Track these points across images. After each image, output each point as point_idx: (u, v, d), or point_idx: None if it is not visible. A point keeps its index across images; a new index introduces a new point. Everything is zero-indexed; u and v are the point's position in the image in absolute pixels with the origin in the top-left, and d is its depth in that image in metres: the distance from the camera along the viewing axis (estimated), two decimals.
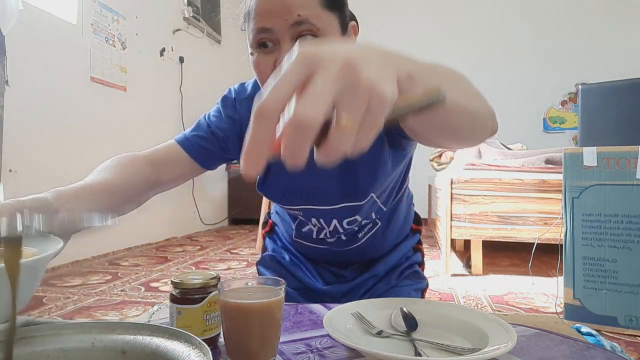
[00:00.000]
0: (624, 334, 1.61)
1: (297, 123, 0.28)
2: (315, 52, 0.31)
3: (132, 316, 1.78)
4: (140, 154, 0.80)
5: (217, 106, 0.89)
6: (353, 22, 0.78)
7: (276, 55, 0.69)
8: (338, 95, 0.29)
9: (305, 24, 0.67)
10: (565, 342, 0.57)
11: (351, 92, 0.30)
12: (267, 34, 0.68)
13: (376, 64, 0.31)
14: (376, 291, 0.95)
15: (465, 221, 2.51)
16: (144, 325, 0.41)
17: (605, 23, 4.51)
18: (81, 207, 0.63)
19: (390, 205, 0.92)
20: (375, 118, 0.30)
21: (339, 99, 0.29)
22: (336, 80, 0.29)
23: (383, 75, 0.31)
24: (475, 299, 2.07)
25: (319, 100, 0.28)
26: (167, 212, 3.65)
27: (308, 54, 0.30)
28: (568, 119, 4.68)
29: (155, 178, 0.80)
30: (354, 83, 0.29)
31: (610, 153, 1.66)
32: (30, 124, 2.38)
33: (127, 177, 0.74)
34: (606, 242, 1.66)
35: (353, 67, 0.30)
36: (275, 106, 0.29)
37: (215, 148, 0.85)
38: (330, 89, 0.29)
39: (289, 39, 0.68)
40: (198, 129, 0.86)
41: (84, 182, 0.68)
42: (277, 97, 0.29)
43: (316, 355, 0.53)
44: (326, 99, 0.29)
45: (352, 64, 0.30)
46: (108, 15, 3.00)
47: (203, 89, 4.07)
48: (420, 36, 4.89)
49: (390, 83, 0.31)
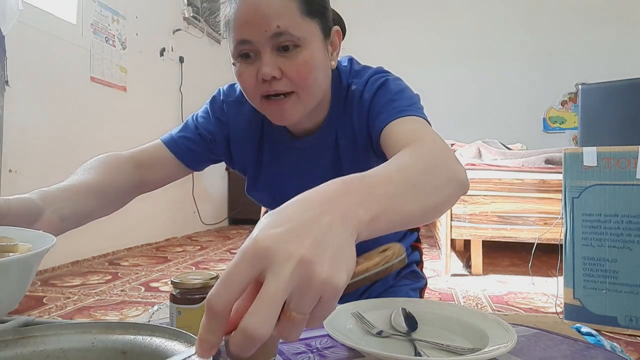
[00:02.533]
0: (624, 334, 1.61)
1: (246, 333, 0.29)
2: (268, 246, 0.31)
3: (132, 316, 1.78)
4: (124, 154, 0.80)
5: (205, 107, 0.88)
6: (337, 27, 0.77)
7: (258, 66, 0.68)
8: (290, 295, 0.30)
9: (284, 35, 0.66)
10: (565, 342, 0.57)
11: (303, 292, 0.30)
12: (247, 46, 0.68)
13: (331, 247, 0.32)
14: (373, 291, 0.95)
15: (465, 221, 2.51)
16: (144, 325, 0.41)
17: (605, 23, 4.51)
18: (66, 208, 0.63)
19: None
20: (326, 307, 0.31)
21: (290, 298, 0.30)
22: (288, 283, 0.30)
23: (337, 263, 0.31)
24: (475, 299, 2.07)
25: (269, 310, 0.29)
26: (167, 212, 3.65)
27: (260, 248, 0.31)
28: (568, 119, 4.68)
29: (139, 179, 0.79)
30: (306, 283, 0.30)
31: (610, 153, 1.66)
32: (30, 124, 2.38)
33: (111, 177, 0.73)
34: (606, 242, 1.66)
35: (306, 266, 0.30)
36: (225, 302, 0.30)
37: (202, 149, 0.85)
38: (282, 294, 0.29)
39: (270, 49, 0.67)
40: (185, 130, 0.85)
41: (67, 182, 0.67)
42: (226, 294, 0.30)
43: (316, 355, 0.53)
44: (277, 307, 0.29)
45: (305, 262, 0.30)
46: (108, 15, 3.00)
47: (203, 89, 4.07)
48: (420, 36, 4.89)
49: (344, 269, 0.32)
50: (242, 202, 4.57)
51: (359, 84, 0.79)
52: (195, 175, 4.03)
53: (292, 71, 0.68)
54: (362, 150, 0.80)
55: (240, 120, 0.85)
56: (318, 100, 0.75)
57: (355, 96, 0.78)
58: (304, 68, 0.68)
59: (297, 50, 0.68)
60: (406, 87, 0.78)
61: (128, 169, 0.78)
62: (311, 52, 0.69)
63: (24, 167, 2.31)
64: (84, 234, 2.63)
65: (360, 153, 0.80)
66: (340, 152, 0.82)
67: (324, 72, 0.73)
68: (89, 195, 0.68)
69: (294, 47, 0.67)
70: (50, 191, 0.62)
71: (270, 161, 0.86)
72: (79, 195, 0.66)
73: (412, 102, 0.74)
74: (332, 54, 0.76)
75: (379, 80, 0.77)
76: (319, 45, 0.71)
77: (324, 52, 0.73)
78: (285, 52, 0.68)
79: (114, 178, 0.74)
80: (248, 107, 0.82)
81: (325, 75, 0.74)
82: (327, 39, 0.74)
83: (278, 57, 0.68)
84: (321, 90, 0.74)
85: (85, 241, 2.67)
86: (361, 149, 0.80)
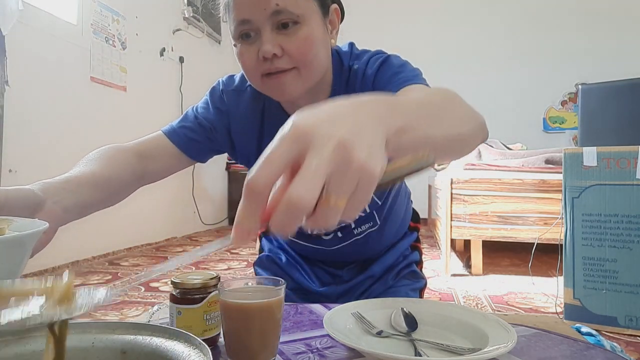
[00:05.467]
0: (624, 334, 1.61)
1: (290, 204, 0.29)
2: (309, 129, 0.31)
3: (132, 316, 1.78)
4: (126, 145, 0.79)
5: (205, 98, 0.89)
6: (335, 5, 0.78)
7: (258, 45, 0.69)
8: (329, 176, 0.30)
9: (284, 13, 0.67)
10: (565, 342, 0.57)
11: (342, 173, 0.30)
12: (247, 25, 0.69)
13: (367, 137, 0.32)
14: (373, 292, 0.95)
15: (465, 221, 2.51)
16: (144, 325, 0.41)
17: (605, 23, 4.51)
18: (68, 199, 0.62)
19: (385, 200, 0.92)
20: (363, 195, 0.32)
21: (329, 179, 0.30)
22: (329, 162, 0.30)
23: (374, 152, 0.32)
24: (475, 299, 2.07)
25: (312, 183, 0.29)
26: (167, 212, 3.65)
27: (301, 130, 0.31)
28: (568, 119, 4.68)
29: (141, 170, 0.79)
30: (345, 165, 0.30)
31: (610, 153, 1.66)
32: (30, 124, 2.38)
33: (114, 169, 0.73)
34: (606, 242, 1.66)
35: (346, 148, 0.31)
36: (265, 182, 0.30)
37: (202, 139, 0.85)
38: (324, 171, 0.30)
39: (270, 28, 0.68)
40: (185, 120, 0.86)
41: (70, 174, 0.67)
42: (267, 174, 0.30)
43: (316, 355, 0.53)
44: (319, 181, 0.30)
45: (344, 144, 0.31)
46: (108, 15, 3.00)
47: (203, 89, 4.01)
48: (420, 37, 4.89)
49: (380, 158, 0.32)
50: None
51: (361, 64, 0.80)
52: (195, 175, 4.03)
53: (293, 48, 0.69)
54: None
55: (240, 109, 0.85)
56: (318, 77, 0.75)
57: (358, 75, 0.79)
58: (304, 44, 0.69)
59: (296, 27, 0.69)
60: (407, 61, 0.79)
61: (130, 160, 0.77)
62: (310, 29, 0.70)
63: (24, 167, 2.31)
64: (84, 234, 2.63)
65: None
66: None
67: (324, 49, 0.74)
68: (91, 187, 0.67)
69: (293, 24, 0.68)
70: (51, 183, 0.62)
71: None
72: (81, 187, 0.66)
73: (416, 74, 0.75)
74: (332, 32, 0.77)
75: (381, 57, 0.79)
76: (318, 22, 0.72)
77: (323, 29, 0.74)
78: (285, 30, 0.69)
79: (116, 169, 0.73)
80: (247, 95, 0.83)
81: (325, 52, 0.75)
82: (326, 16, 0.75)
83: (278, 34, 0.69)
84: (321, 66, 0.75)
85: (85, 241, 2.67)
86: None
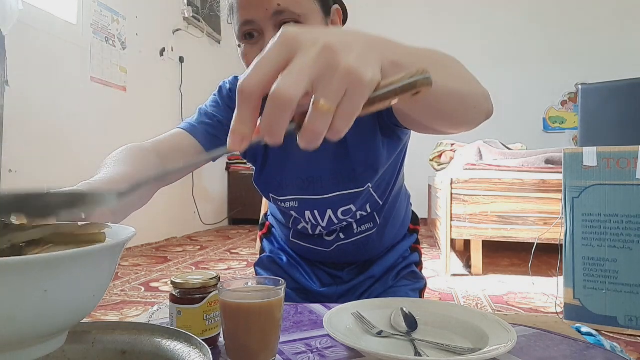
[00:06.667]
0: (624, 334, 1.61)
1: (274, 98, 0.29)
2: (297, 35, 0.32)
3: (132, 316, 1.78)
4: (146, 145, 0.78)
5: (213, 97, 0.90)
6: (337, 5, 0.78)
7: (262, 45, 0.70)
8: (317, 78, 0.30)
9: (285, 13, 0.68)
10: (565, 342, 0.57)
11: (329, 75, 0.30)
12: (250, 26, 0.70)
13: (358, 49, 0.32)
14: (373, 292, 0.95)
15: (465, 221, 2.51)
16: (144, 325, 0.41)
17: (606, 23, 4.51)
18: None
19: (386, 200, 0.92)
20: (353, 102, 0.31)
21: (317, 82, 0.30)
22: (315, 62, 0.30)
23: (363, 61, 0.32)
24: (475, 299, 2.07)
25: (297, 78, 0.30)
26: (167, 212, 3.65)
27: (290, 36, 0.32)
28: (568, 119, 4.68)
29: (162, 170, 0.78)
30: (332, 66, 0.30)
31: (610, 153, 1.66)
32: (30, 124, 2.38)
33: (141, 169, 0.71)
34: (606, 242, 1.66)
35: (333, 51, 0.31)
36: (256, 84, 0.30)
37: (222, 135, 0.85)
38: (309, 69, 0.30)
39: (272, 28, 0.69)
40: (203, 117, 0.86)
41: (104, 174, 0.64)
42: (257, 75, 0.31)
43: (316, 355, 0.53)
44: (304, 78, 0.30)
45: (332, 48, 0.31)
46: (108, 15, 3.00)
47: (203, 89, 4.06)
48: (420, 37, 4.89)
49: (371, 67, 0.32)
50: (242, 202, 4.58)
51: None
52: (195, 175, 4.03)
53: None
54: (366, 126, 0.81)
55: None
56: None
57: None
58: None
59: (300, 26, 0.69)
60: None
61: (152, 160, 0.76)
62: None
63: (24, 167, 2.31)
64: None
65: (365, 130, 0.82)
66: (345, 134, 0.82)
67: None
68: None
69: (295, 24, 0.69)
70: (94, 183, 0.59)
71: (276, 148, 0.87)
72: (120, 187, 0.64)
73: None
74: None
75: None
76: (320, 23, 0.73)
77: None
78: None
79: (143, 169, 0.72)
80: None
81: None
82: (328, 17, 0.76)
83: None
84: None
85: None
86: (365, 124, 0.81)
